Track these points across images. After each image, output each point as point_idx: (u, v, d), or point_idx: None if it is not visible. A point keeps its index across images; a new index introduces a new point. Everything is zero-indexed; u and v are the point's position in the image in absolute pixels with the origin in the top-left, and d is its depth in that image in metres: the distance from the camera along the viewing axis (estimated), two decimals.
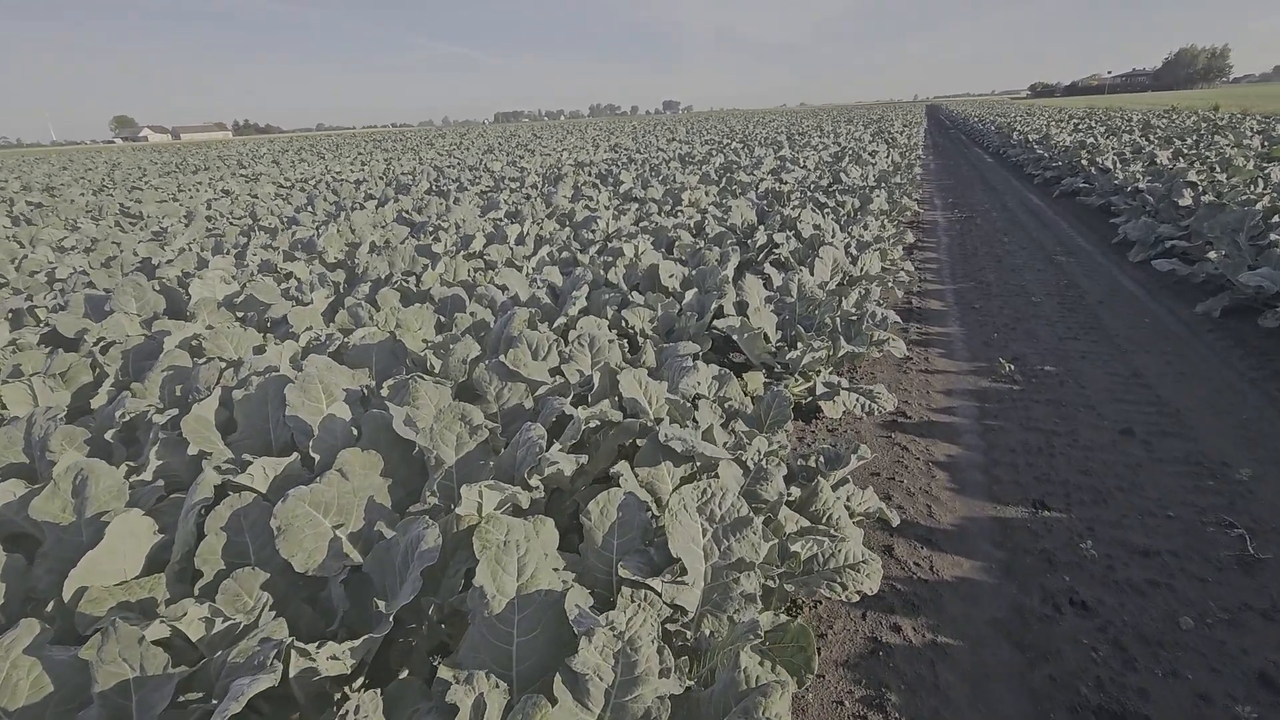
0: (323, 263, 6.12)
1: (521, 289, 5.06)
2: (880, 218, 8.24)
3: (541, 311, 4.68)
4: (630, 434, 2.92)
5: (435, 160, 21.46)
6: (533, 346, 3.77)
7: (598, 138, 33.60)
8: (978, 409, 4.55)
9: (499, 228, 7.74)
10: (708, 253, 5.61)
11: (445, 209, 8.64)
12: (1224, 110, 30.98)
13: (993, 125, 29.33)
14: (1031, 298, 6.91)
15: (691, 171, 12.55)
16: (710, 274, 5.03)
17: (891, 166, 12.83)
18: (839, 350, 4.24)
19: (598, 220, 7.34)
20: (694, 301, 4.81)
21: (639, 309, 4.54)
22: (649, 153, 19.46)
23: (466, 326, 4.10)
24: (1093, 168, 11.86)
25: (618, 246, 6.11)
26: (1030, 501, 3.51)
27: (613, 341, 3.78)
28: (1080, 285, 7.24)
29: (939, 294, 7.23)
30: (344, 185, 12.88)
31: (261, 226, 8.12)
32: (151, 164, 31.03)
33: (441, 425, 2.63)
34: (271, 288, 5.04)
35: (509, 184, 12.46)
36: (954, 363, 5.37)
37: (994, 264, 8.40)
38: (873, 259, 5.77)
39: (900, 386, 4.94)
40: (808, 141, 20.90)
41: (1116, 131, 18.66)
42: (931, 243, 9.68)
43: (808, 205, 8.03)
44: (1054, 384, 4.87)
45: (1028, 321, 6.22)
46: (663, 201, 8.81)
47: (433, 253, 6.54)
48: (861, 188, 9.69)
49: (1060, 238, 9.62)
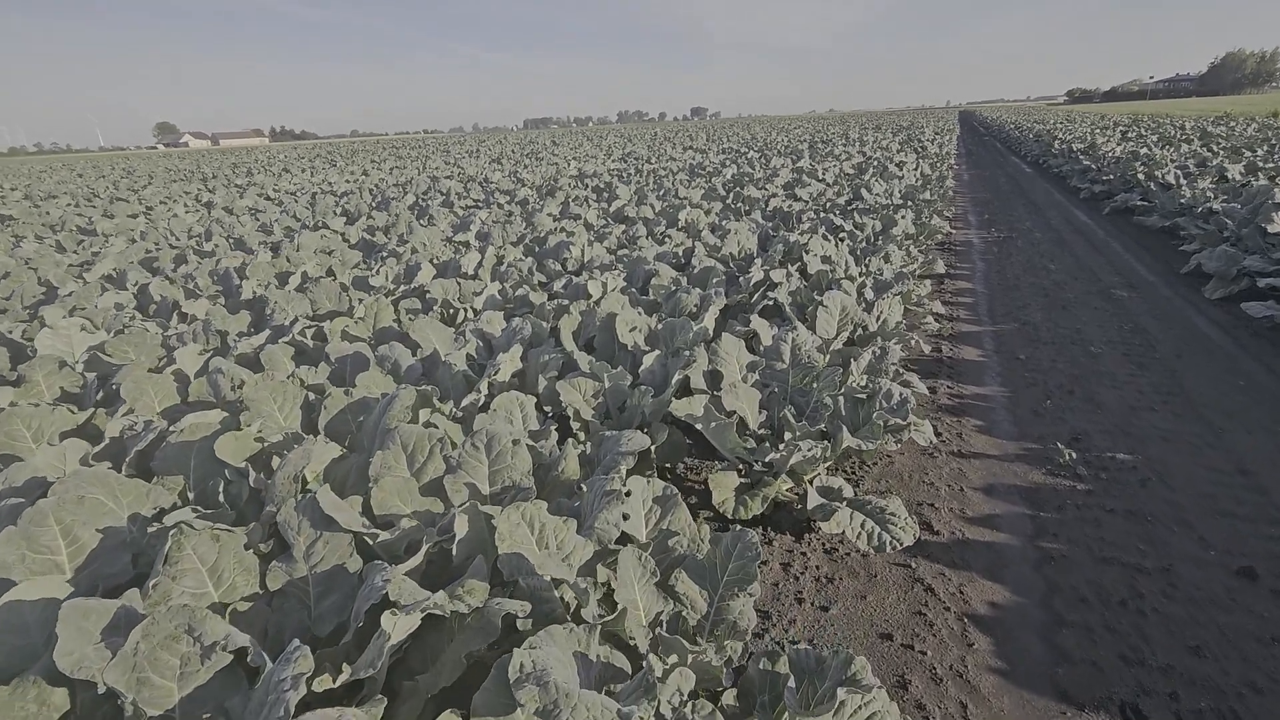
0: (228, 301, 5.18)
1: (444, 344, 4.05)
2: (905, 244, 7.07)
3: (461, 379, 3.64)
4: (489, 636, 1.86)
5: (439, 170, 20.68)
6: (409, 449, 2.75)
7: (614, 145, 32.68)
8: (1030, 522, 3.40)
9: (459, 253, 6.76)
10: (685, 296, 4.53)
11: (409, 230, 7.70)
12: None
13: (1031, 133, 27.70)
14: (1090, 346, 5.68)
15: (698, 185, 11.47)
16: (681, 329, 3.96)
17: (920, 180, 11.59)
18: (840, 444, 3.14)
19: (571, 246, 6.31)
20: (655, 368, 3.73)
21: (580, 380, 3.49)
22: (660, 162, 18.42)
23: (335, 412, 3.08)
24: (1151, 183, 10.49)
25: (583, 283, 5.08)
26: (1118, 704, 2.36)
27: (520, 443, 2.73)
28: (1148, 330, 5.99)
29: (975, 338, 6.04)
30: (326, 198, 12.07)
31: (198, 251, 7.27)
32: (163, 170, 30.94)
33: (153, 645, 1.60)
34: (142, 339, 4.10)
35: (500, 197, 11.53)
36: (995, 442, 4.21)
37: (1040, 298, 7.17)
38: (893, 305, 4.63)
39: (925, 480, 3.80)
40: (830, 150, 19.66)
41: (1172, 141, 17.08)
42: (965, 270, 8.45)
43: (819, 230, 6.90)
44: (1131, 482, 3.68)
45: (1088, 381, 5.01)
46: (655, 221, 7.75)
47: (369, 285, 5.58)
48: (885, 207, 8.51)
49: (1116, 265, 8.32)
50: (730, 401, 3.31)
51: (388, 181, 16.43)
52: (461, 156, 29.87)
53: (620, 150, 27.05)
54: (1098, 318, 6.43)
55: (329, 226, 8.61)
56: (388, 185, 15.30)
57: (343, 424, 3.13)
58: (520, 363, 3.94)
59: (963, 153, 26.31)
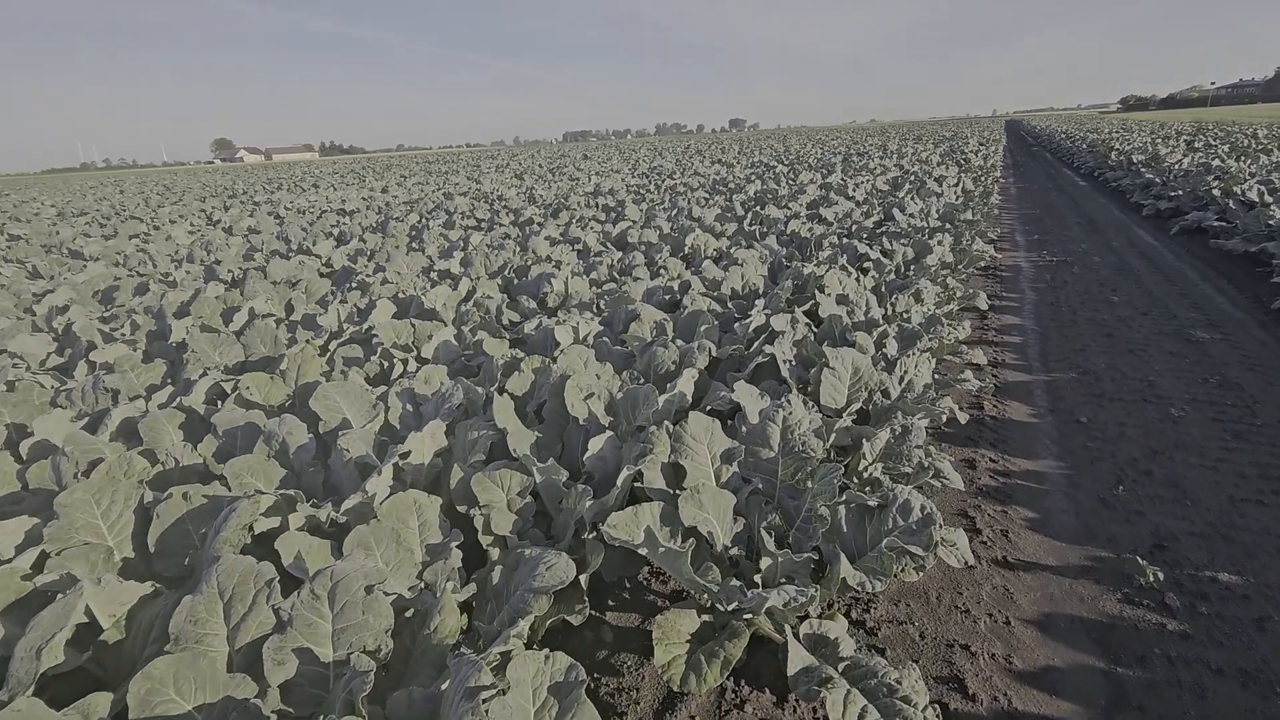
0: (152, 346, 4.58)
1: (358, 412, 3.33)
2: (941, 275, 6.13)
3: (353, 469, 2.91)
4: None
5: (457, 186, 20.28)
6: (226, 594, 2.03)
7: (642, 159, 32.05)
8: (1103, 682, 2.48)
9: (432, 285, 6.09)
10: (662, 351, 3.73)
11: (387, 257, 7.09)
12: None
13: (1084, 143, 26.06)
14: (1169, 407, 4.66)
15: (715, 204, 10.64)
16: (645, 400, 3.15)
17: (961, 197, 10.55)
18: (836, 580, 2.29)
19: (553, 279, 5.57)
20: (607, 452, 2.94)
21: (503, 473, 2.72)
22: (684, 177, 17.64)
23: (171, 522, 2.38)
24: (1230, 200, 9.25)
25: (550, 326, 4.33)
26: None
27: (375, 591, 1.97)
28: (1241, 385, 4.93)
29: (1024, 391, 5.07)
30: (329, 217, 11.64)
31: (164, 280, 6.78)
32: (199, 185, 31.57)
33: None
34: (27, 395, 3.49)
35: (505, 217, 10.91)
36: (1053, 546, 3.28)
37: (1102, 339, 6.13)
38: (921, 364, 3.74)
39: (958, 604, 2.91)
40: (865, 164, 18.61)
41: (1248, 152, 15.53)
42: (1012, 300, 7.43)
43: (840, 259, 6.01)
44: (1243, 623, 2.72)
45: (1169, 457, 4.02)
46: (657, 247, 6.97)
47: (318, 324, 4.93)
48: (919, 230, 7.56)
49: (1192, 297, 7.19)
50: (690, 512, 2.49)
51: (400, 199, 16.04)
52: (488, 171, 29.66)
53: (647, 164, 26.40)
54: (1175, 366, 5.38)
55: (312, 251, 8.08)
56: (398, 203, 14.90)
57: (182, 538, 2.42)
58: (446, 439, 3.20)
59: (1009, 164, 24.87)
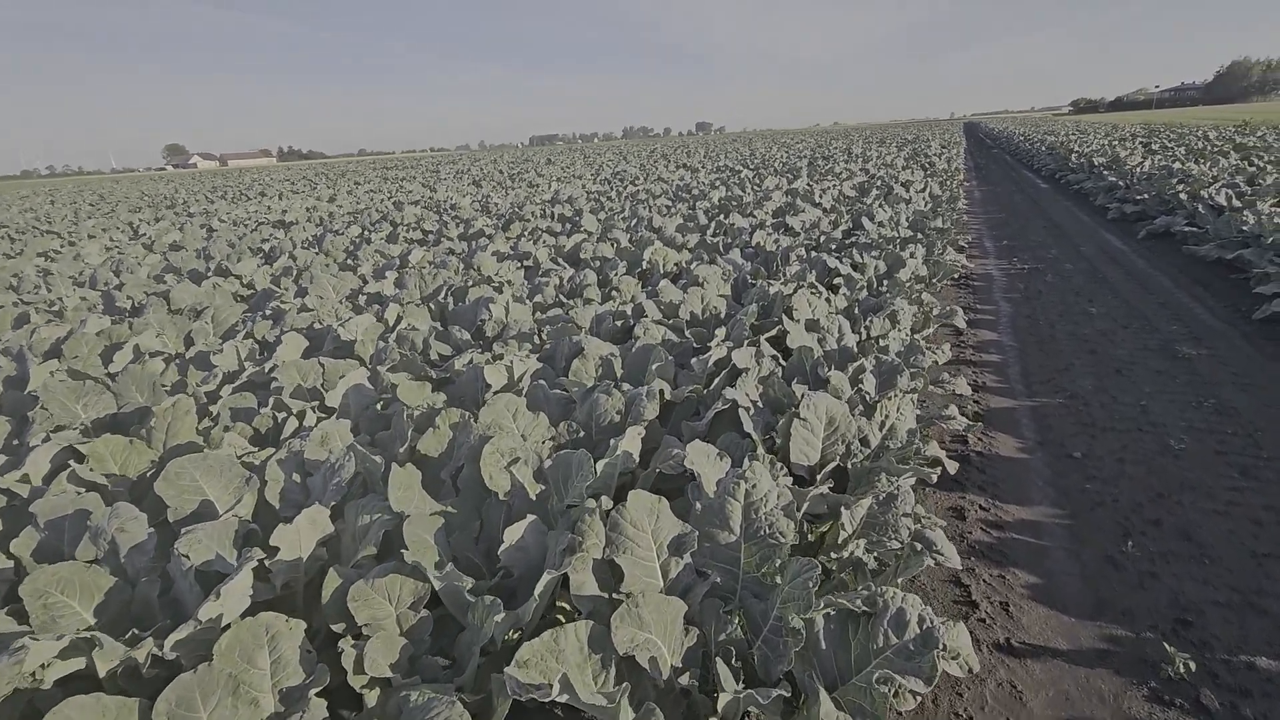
0: (4, 395, 3.86)
1: (224, 491, 2.70)
2: (916, 291, 5.70)
3: (192, 587, 2.28)
4: None
5: (411, 194, 19.41)
6: None
7: (607, 163, 31.46)
8: None
9: (360, 310, 5.44)
10: (605, 400, 3.16)
11: (310, 278, 6.38)
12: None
13: (1043, 145, 26.33)
14: (1167, 437, 4.27)
15: (678, 212, 10.13)
16: (579, 469, 2.58)
17: (930, 203, 10.22)
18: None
19: (492, 305, 4.96)
20: (525, 544, 2.36)
21: (389, 581, 2.13)
22: (648, 183, 17.11)
23: None
24: (1198, 204, 9.08)
25: (481, 365, 3.74)
26: None
27: None
28: (1239, 410, 4.56)
29: (1009, 420, 4.64)
30: (263, 229, 10.79)
31: (50, 309, 5.98)
32: (138, 195, 30.00)
33: None
34: None
35: (454, 229, 10.23)
36: (1061, 622, 2.81)
37: (1085, 355, 5.76)
38: (904, 405, 3.24)
39: (958, 708, 2.40)
40: (831, 168, 18.34)
41: (1204, 154, 15.64)
42: (987, 314, 7.06)
43: (809, 275, 5.53)
44: None
45: (1177, 501, 3.60)
46: (612, 263, 6.40)
47: (212, 364, 4.25)
48: (890, 240, 7.14)
49: (1171, 307, 6.90)
50: (628, 634, 1.93)
51: (345, 209, 15.15)
52: (446, 178, 28.74)
53: (611, 169, 25.82)
54: (1166, 387, 5.01)
55: (232, 271, 7.30)
56: (342, 214, 14.03)
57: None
58: (334, 523, 2.58)
59: (971, 167, 24.98)
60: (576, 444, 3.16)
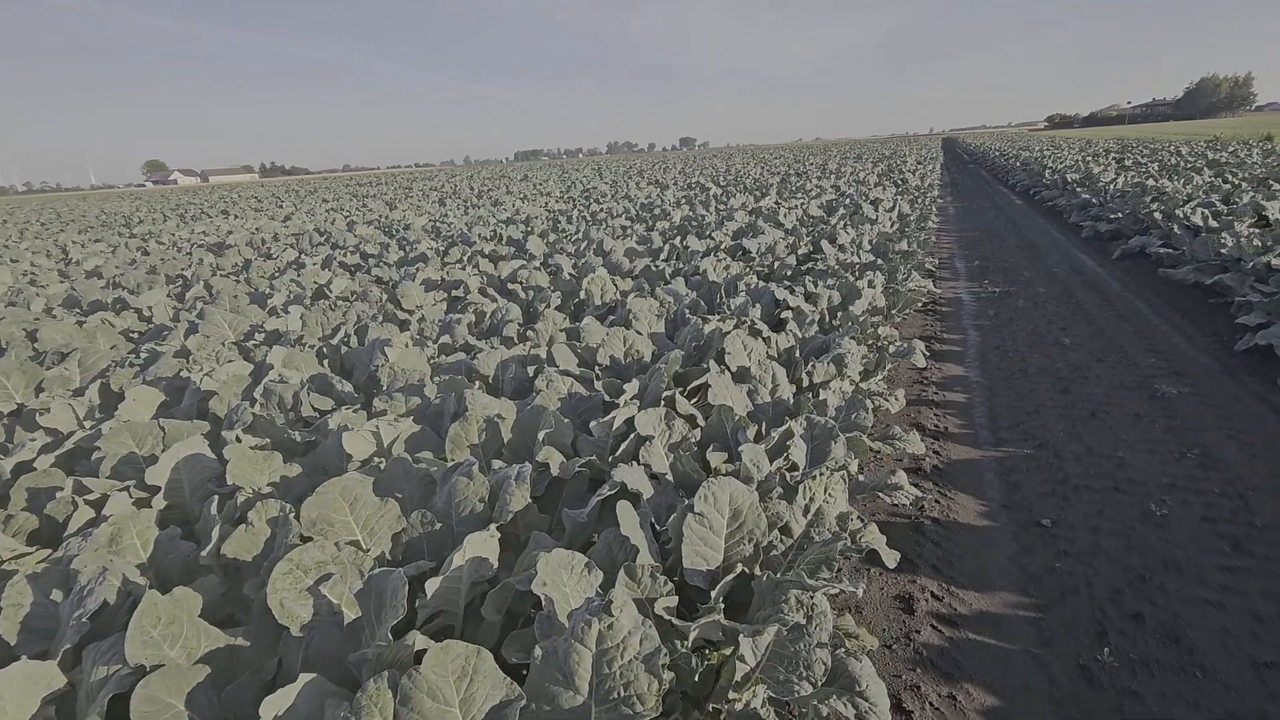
0: None
1: None
2: (872, 324, 5.17)
3: None
4: None
5: (374, 212, 18.76)
6: None
7: (579, 180, 30.99)
8: None
9: (244, 355, 4.81)
10: (466, 484, 2.56)
11: (201, 315, 5.71)
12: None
13: (1018, 160, 26.26)
14: (1148, 500, 3.73)
15: (633, 234, 9.59)
16: (390, 602, 1.96)
17: (896, 224, 9.77)
18: None
19: (388, 349, 4.35)
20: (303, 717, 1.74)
21: None
22: (613, 200, 16.61)
23: None
24: (1174, 224, 8.68)
25: (339, 430, 3.13)
26: None
27: None
28: (1226, 464, 4.05)
29: (971, 475, 4.09)
30: (198, 252, 10.10)
31: None
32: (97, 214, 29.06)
33: None
34: None
35: (399, 249, 9.61)
36: None
37: (1057, 394, 5.25)
38: (834, 486, 2.67)
39: None
40: (803, 185, 17.96)
41: (1177, 170, 15.41)
42: (954, 344, 6.55)
43: (753, 310, 4.99)
44: None
45: (1161, 587, 3.04)
46: (544, 294, 5.82)
47: (37, 425, 3.60)
48: (849, 266, 6.63)
49: (1149, 337, 6.43)
50: None
51: (294, 228, 14.45)
52: (413, 196, 28.09)
53: (584, 185, 25.33)
54: (1144, 435, 4.49)
55: (130, 304, 6.61)
56: (287, 234, 13.34)
57: None
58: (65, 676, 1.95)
59: (947, 182, 24.79)
60: (431, 541, 2.56)
